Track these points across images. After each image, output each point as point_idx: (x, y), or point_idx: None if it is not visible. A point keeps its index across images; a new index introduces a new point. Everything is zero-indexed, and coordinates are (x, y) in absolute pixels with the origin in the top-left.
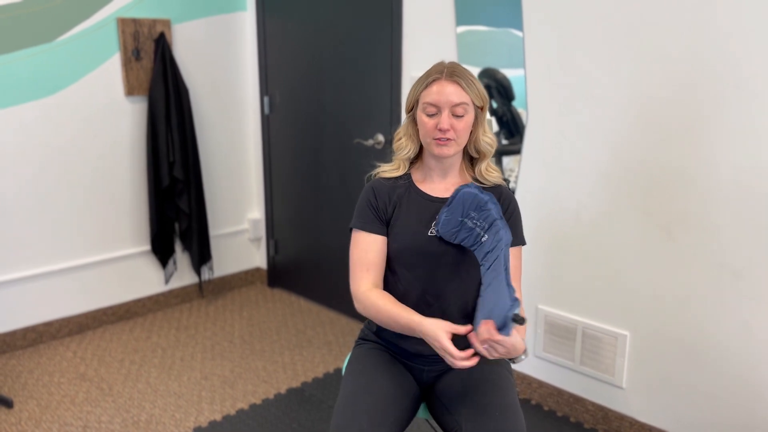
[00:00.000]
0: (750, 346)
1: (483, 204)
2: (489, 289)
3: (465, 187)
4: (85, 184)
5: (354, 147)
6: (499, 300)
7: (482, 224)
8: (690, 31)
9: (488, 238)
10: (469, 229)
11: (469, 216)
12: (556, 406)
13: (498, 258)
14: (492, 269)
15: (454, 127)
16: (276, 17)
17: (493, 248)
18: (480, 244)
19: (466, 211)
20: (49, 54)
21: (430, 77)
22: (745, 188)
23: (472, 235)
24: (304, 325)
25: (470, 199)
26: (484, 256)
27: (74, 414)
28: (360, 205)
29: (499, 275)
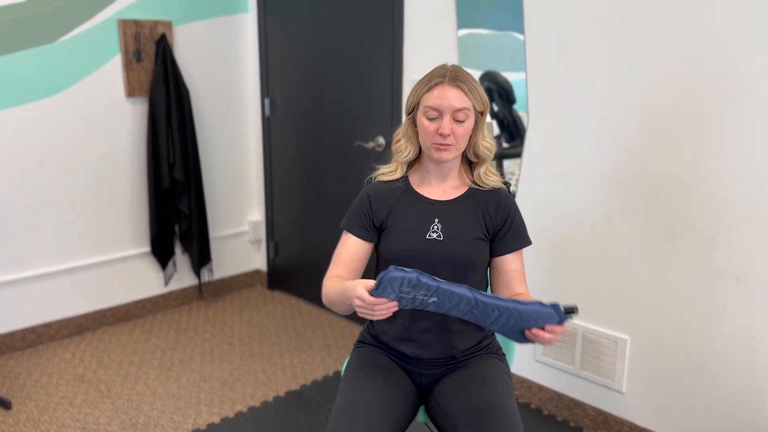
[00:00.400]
0: (751, 351)
1: (414, 281)
2: (510, 320)
3: (387, 272)
4: (86, 185)
5: (354, 149)
6: (537, 317)
7: (424, 293)
8: (691, 34)
9: (439, 299)
10: (409, 300)
11: (403, 292)
12: (555, 411)
13: (476, 301)
14: (491, 312)
15: (454, 133)
16: (277, 19)
17: (459, 301)
18: (438, 304)
19: (398, 291)
20: (50, 55)
21: (432, 80)
22: (748, 193)
23: (416, 301)
24: (304, 328)
25: (398, 282)
26: (460, 305)
27: (72, 415)
28: (353, 208)
29: (502, 308)
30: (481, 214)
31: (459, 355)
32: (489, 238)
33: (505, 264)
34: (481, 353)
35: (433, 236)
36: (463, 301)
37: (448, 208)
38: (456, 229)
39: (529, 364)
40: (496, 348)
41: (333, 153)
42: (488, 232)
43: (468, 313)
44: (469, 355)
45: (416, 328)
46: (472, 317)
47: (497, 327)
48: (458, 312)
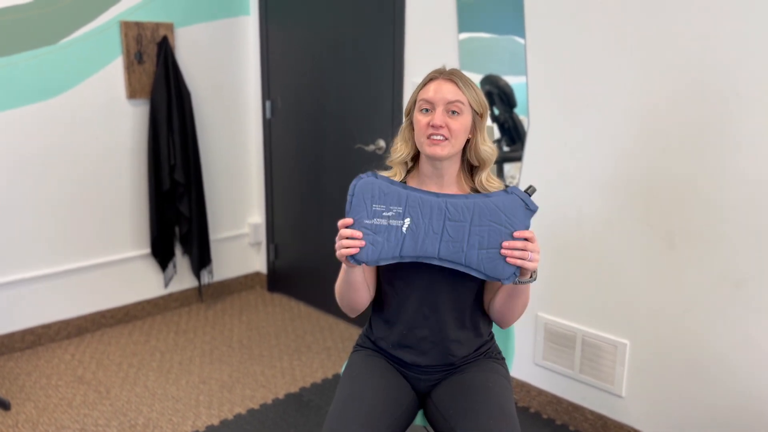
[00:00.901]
0: (751, 356)
1: (384, 188)
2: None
3: (357, 180)
4: (86, 186)
5: (355, 152)
6: (504, 208)
7: (396, 209)
8: (691, 40)
9: (412, 217)
10: (385, 231)
11: (375, 210)
12: (555, 415)
13: (446, 205)
14: (465, 218)
15: (448, 126)
16: (279, 22)
17: (431, 212)
18: (413, 230)
19: (370, 208)
20: (52, 56)
21: (427, 77)
22: (747, 199)
23: (390, 231)
24: (304, 331)
25: (368, 190)
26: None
27: (71, 417)
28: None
29: (471, 206)
30: None
31: (457, 362)
32: None
33: None
34: (480, 358)
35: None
36: (435, 211)
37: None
38: None
39: (528, 368)
40: (496, 352)
41: (333, 155)
42: None
43: (446, 234)
44: (468, 360)
45: (414, 336)
46: (453, 238)
47: (476, 250)
48: (435, 242)
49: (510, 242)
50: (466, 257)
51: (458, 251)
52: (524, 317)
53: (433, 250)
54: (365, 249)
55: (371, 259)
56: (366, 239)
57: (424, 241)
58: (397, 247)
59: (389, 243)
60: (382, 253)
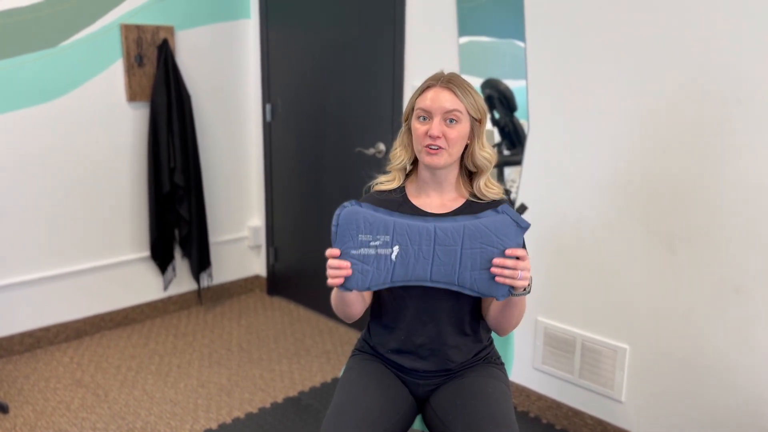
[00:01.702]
0: (751, 361)
1: (370, 217)
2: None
3: (341, 210)
4: (86, 188)
5: (355, 155)
6: (496, 229)
7: (383, 238)
8: (693, 44)
9: (401, 245)
10: (374, 260)
11: (362, 240)
12: (554, 420)
13: (435, 230)
14: (455, 242)
15: (445, 135)
16: (279, 26)
17: (420, 239)
18: (403, 257)
19: (356, 238)
20: (52, 59)
21: (425, 84)
22: (748, 203)
23: (379, 260)
24: (303, 334)
25: (353, 222)
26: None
27: (69, 420)
28: None
29: (460, 229)
30: None
31: (456, 367)
32: None
33: None
34: (478, 363)
35: None
36: (423, 237)
37: None
38: None
39: (528, 373)
40: (495, 357)
41: (333, 158)
42: None
43: (437, 258)
44: (467, 366)
45: (412, 342)
46: (444, 261)
47: (468, 271)
48: (426, 266)
49: (500, 260)
50: (459, 278)
51: (450, 273)
52: (524, 322)
53: (425, 274)
54: (354, 278)
55: (361, 287)
56: (354, 268)
57: (414, 266)
58: (388, 275)
59: (379, 271)
60: (372, 281)
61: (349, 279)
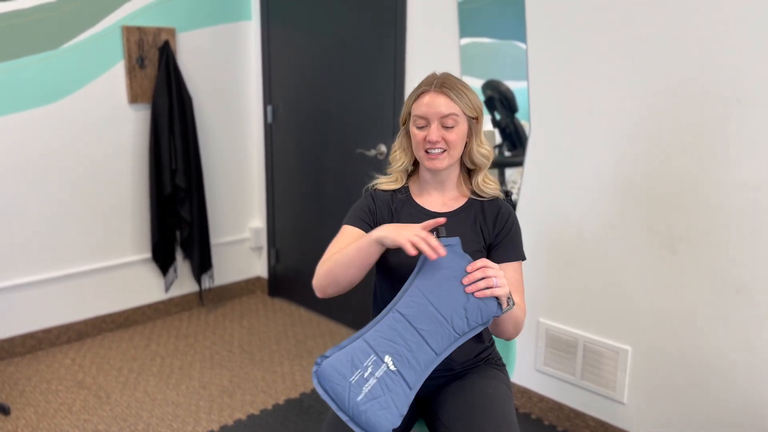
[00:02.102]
0: (753, 362)
1: (340, 357)
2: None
3: (318, 370)
4: (87, 190)
5: (356, 157)
6: (443, 261)
7: (371, 362)
8: (694, 45)
9: (391, 353)
10: (379, 386)
11: (356, 384)
12: (556, 421)
13: (398, 310)
14: (419, 301)
15: (445, 139)
16: (280, 27)
17: (394, 330)
18: (396, 359)
19: (348, 385)
20: (53, 61)
21: (419, 89)
22: (750, 204)
23: (384, 383)
24: (304, 335)
25: (334, 374)
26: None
27: (71, 422)
28: (355, 207)
29: (414, 288)
30: (479, 226)
31: (457, 368)
32: (486, 249)
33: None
34: (480, 364)
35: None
36: (398, 327)
37: (448, 221)
38: None
39: (529, 374)
40: (496, 358)
41: (335, 160)
42: (485, 242)
43: (425, 331)
44: (468, 366)
45: None
46: (433, 330)
47: (456, 317)
48: (419, 344)
49: (467, 277)
50: (456, 329)
51: (447, 333)
52: (526, 323)
53: (429, 356)
54: (383, 418)
55: (396, 420)
56: (374, 408)
57: (416, 358)
58: (402, 386)
59: (394, 393)
60: (397, 407)
61: (379, 423)
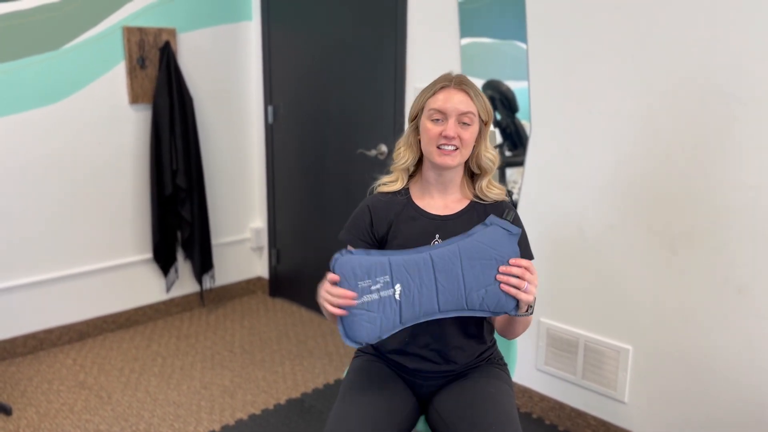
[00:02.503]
0: (754, 362)
1: (362, 262)
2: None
3: (335, 259)
4: (88, 191)
5: (357, 157)
6: (491, 242)
7: (383, 279)
8: (695, 45)
9: (402, 283)
10: (375, 300)
11: (360, 284)
12: (557, 421)
13: (432, 258)
14: (454, 265)
15: (460, 136)
16: (281, 28)
17: (419, 272)
18: (406, 294)
19: (354, 282)
20: (54, 62)
21: (438, 84)
22: (750, 205)
23: (384, 303)
24: (305, 336)
25: (348, 268)
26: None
27: (73, 422)
28: (353, 220)
29: (455, 251)
30: None
31: (459, 368)
32: None
33: None
34: (481, 364)
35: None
36: (422, 267)
37: (449, 224)
38: None
39: (530, 374)
40: (498, 358)
41: (335, 160)
42: None
43: (441, 285)
44: (470, 366)
45: (416, 344)
46: (449, 287)
47: (474, 291)
48: (431, 296)
49: (506, 267)
50: (468, 301)
51: (458, 299)
52: None
53: (432, 307)
54: (363, 328)
55: (372, 337)
56: (361, 318)
57: (420, 301)
58: (396, 317)
59: (386, 315)
60: (382, 328)
61: (358, 331)
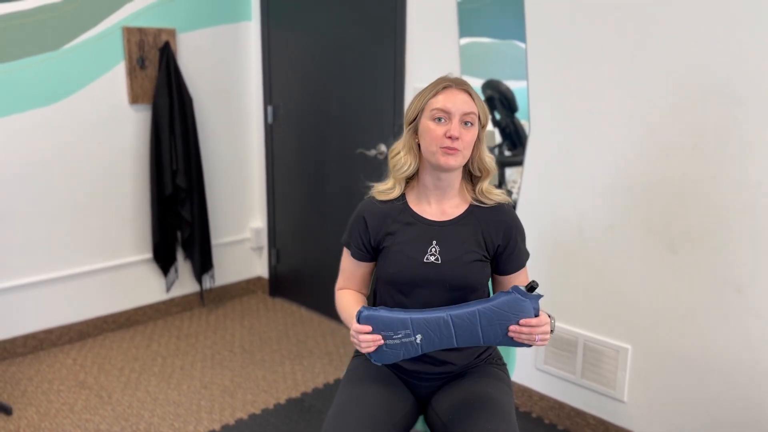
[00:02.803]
0: (752, 361)
1: (383, 319)
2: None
3: (359, 314)
4: (88, 191)
5: (357, 157)
6: (509, 307)
7: (404, 331)
8: (694, 45)
9: (423, 334)
10: (398, 343)
11: (383, 333)
12: (556, 420)
13: (451, 318)
14: (472, 322)
15: (462, 137)
16: (281, 28)
17: (439, 327)
18: (427, 341)
19: (377, 331)
20: (54, 62)
21: (440, 85)
22: (749, 204)
23: (407, 347)
24: (305, 335)
25: (372, 324)
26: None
27: (73, 422)
28: (351, 223)
29: (473, 314)
30: (481, 234)
31: (458, 368)
32: (489, 258)
33: (512, 280)
34: (480, 364)
35: (431, 259)
36: (442, 326)
37: (446, 230)
38: (454, 252)
39: (530, 373)
40: (497, 358)
41: (335, 160)
42: (488, 252)
43: (459, 336)
44: (469, 366)
45: None
46: (466, 339)
47: (492, 338)
48: (450, 341)
49: (515, 327)
50: (485, 342)
51: (476, 341)
52: None
53: (450, 344)
54: (386, 355)
55: (394, 359)
56: (386, 352)
57: (440, 342)
58: (417, 350)
59: (407, 351)
60: (404, 355)
61: (382, 355)
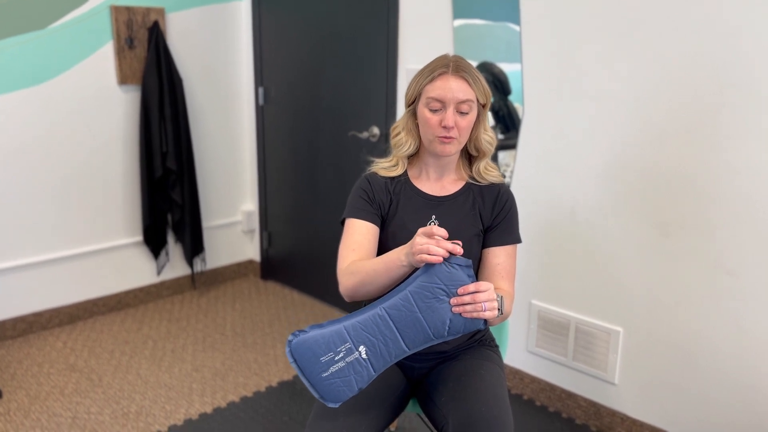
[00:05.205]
0: (742, 344)
1: (316, 338)
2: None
3: (290, 343)
4: (77, 173)
5: (349, 139)
6: (442, 278)
7: (346, 346)
8: (689, 31)
9: (366, 344)
10: (348, 368)
11: (325, 363)
12: (548, 402)
13: (385, 310)
14: (408, 310)
15: (457, 125)
16: (272, 7)
17: (376, 328)
18: (373, 351)
19: (317, 363)
20: (40, 41)
21: (435, 71)
22: (741, 189)
23: (353, 366)
24: (297, 318)
25: (306, 351)
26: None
27: (63, 405)
28: (352, 197)
29: (406, 297)
30: (477, 209)
31: (450, 349)
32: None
33: (490, 257)
34: (473, 345)
35: None
36: (380, 324)
37: (445, 204)
38: (453, 226)
39: (522, 355)
40: (489, 340)
41: (327, 142)
42: (483, 226)
43: (404, 333)
44: (461, 348)
45: None
46: (413, 335)
47: (439, 325)
48: (398, 344)
49: (456, 299)
50: (434, 334)
51: (424, 337)
52: (518, 305)
53: (401, 350)
54: (341, 391)
55: (352, 393)
56: (335, 384)
57: (389, 352)
58: (368, 371)
59: (359, 375)
60: (357, 385)
61: (336, 394)
